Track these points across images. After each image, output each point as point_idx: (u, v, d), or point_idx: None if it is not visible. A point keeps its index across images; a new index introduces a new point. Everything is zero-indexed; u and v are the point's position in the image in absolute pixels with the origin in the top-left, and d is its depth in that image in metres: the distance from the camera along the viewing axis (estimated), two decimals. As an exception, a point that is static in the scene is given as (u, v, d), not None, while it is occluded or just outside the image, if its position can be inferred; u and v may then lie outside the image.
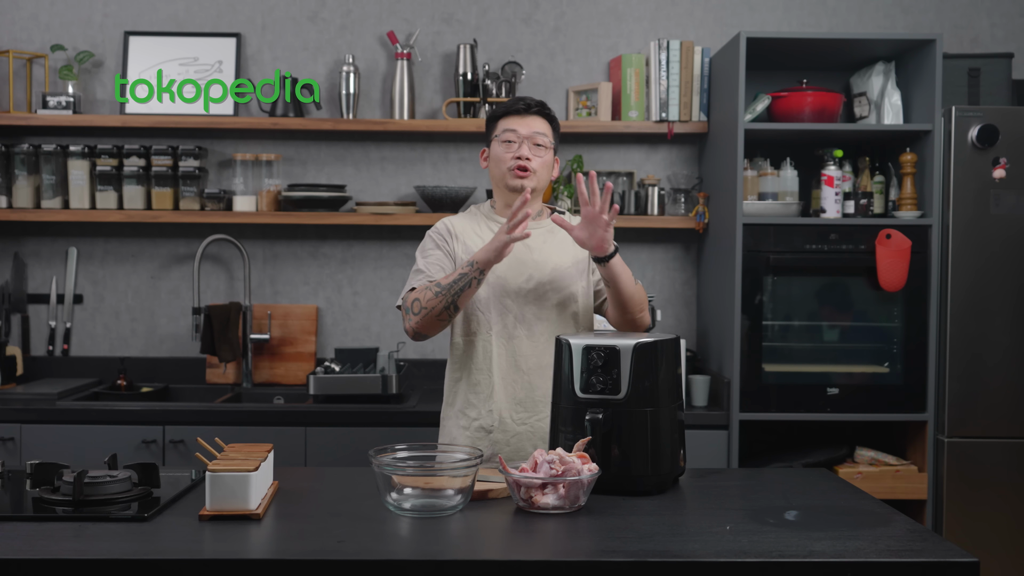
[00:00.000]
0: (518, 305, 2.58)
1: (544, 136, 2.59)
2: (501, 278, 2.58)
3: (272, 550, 1.82)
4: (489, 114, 2.69)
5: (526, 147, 2.57)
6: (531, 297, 2.58)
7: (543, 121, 2.61)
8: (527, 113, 2.60)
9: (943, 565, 1.74)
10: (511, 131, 2.58)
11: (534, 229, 2.62)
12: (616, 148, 4.05)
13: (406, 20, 4.02)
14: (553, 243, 2.64)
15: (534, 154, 2.57)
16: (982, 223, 3.48)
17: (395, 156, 4.05)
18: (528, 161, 2.56)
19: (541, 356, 2.57)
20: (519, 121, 2.59)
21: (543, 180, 2.61)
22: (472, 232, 2.64)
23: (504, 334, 2.57)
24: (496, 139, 2.61)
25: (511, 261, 2.57)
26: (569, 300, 2.60)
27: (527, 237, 2.40)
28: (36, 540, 1.80)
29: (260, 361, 3.99)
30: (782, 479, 2.41)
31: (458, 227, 2.66)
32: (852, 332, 3.63)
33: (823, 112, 3.67)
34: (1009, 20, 4.04)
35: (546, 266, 2.59)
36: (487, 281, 2.56)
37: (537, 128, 2.59)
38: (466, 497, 2.01)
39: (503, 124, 2.61)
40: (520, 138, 2.57)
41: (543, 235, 2.64)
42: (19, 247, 4.03)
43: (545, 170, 2.60)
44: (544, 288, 2.59)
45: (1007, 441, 3.48)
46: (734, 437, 3.49)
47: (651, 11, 4.05)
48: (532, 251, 2.61)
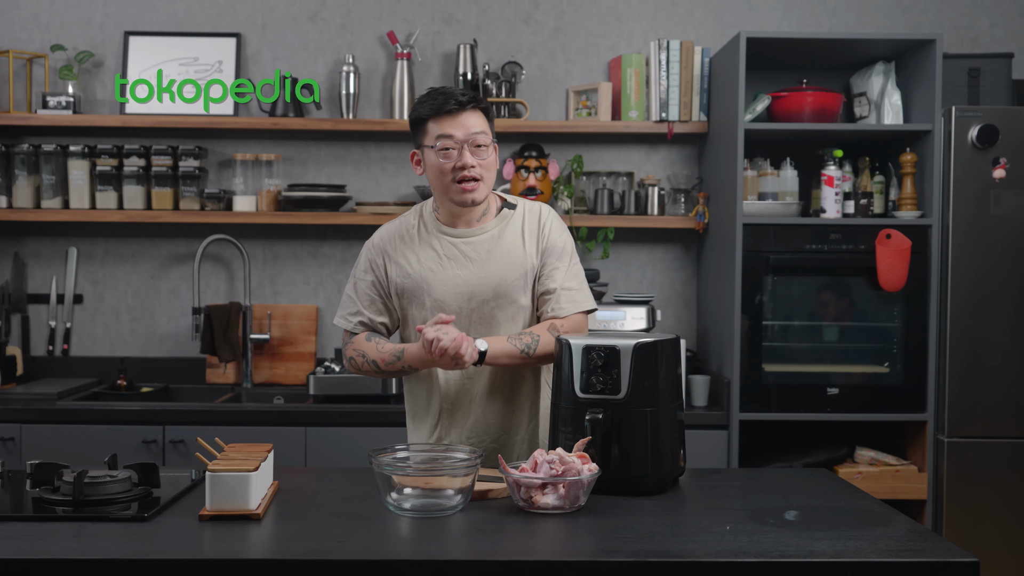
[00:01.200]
0: (461, 328, 2.35)
1: (483, 134, 2.33)
2: (439, 301, 2.37)
3: (272, 550, 1.82)
4: (413, 113, 2.37)
5: (467, 154, 2.31)
6: (475, 318, 2.38)
7: (478, 116, 2.34)
8: (460, 111, 2.31)
9: (943, 565, 1.74)
10: (446, 137, 2.31)
11: (478, 235, 2.40)
12: (616, 148, 4.05)
13: (406, 20, 4.02)
14: (499, 251, 2.39)
15: (477, 158, 2.32)
16: (982, 223, 3.48)
17: (395, 156, 4.05)
18: (473, 169, 2.31)
19: (491, 379, 2.40)
20: (452, 123, 2.31)
21: (490, 182, 2.38)
22: (406, 248, 2.41)
23: None
24: (430, 148, 2.33)
25: (448, 279, 2.38)
26: (517, 314, 2.40)
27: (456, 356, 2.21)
28: (36, 540, 1.80)
29: (260, 361, 3.99)
30: (782, 479, 2.41)
31: (389, 243, 2.43)
32: (852, 332, 3.63)
33: (823, 112, 3.67)
34: (1009, 20, 4.04)
35: (489, 281, 2.37)
36: (423, 304, 2.38)
37: (474, 128, 2.32)
38: (466, 497, 2.01)
39: (435, 128, 2.32)
40: (458, 143, 2.31)
41: (488, 242, 2.40)
42: (19, 247, 4.03)
43: (490, 171, 2.36)
44: (488, 307, 2.38)
45: (1007, 441, 3.48)
46: (734, 437, 3.49)
47: (651, 11, 4.05)
48: (473, 264, 2.38)
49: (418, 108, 2.37)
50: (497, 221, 2.43)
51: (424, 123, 2.35)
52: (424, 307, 2.39)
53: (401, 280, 2.41)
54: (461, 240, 2.40)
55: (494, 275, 2.38)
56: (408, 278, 2.40)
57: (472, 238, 2.40)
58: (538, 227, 2.43)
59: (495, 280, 2.38)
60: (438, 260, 2.39)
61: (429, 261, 2.40)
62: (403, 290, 2.41)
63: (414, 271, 2.40)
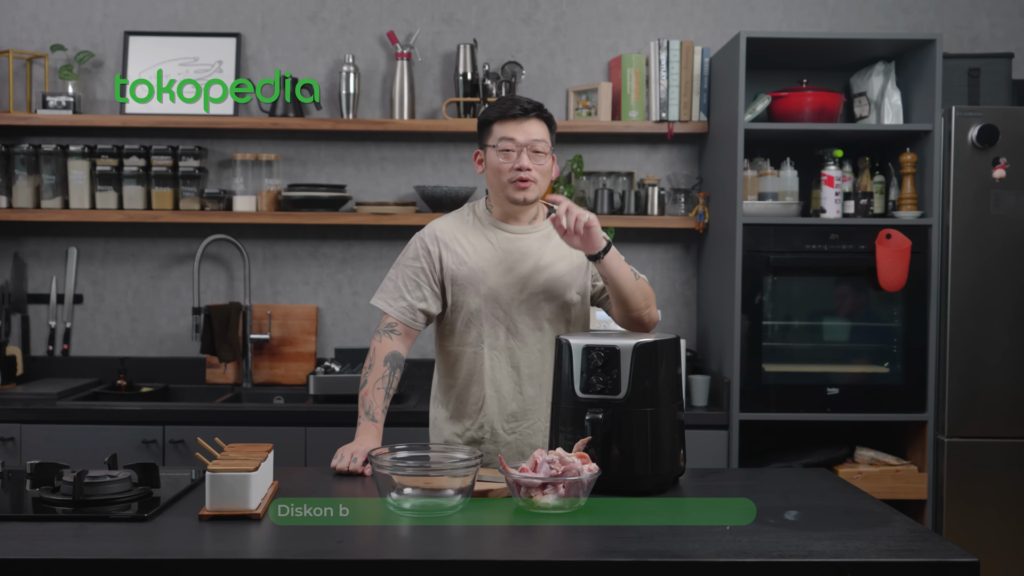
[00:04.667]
0: (511, 316, 2.52)
1: (543, 142, 2.49)
2: (493, 289, 2.52)
3: (272, 550, 1.82)
4: (482, 116, 2.56)
5: (525, 157, 2.47)
6: (524, 308, 2.53)
7: (540, 125, 2.51)
8: (524, 118, 2.49)
9: (943, 565, 1.74)
10: (508, 139, 2.47)
11: (530, 234, 2.57)
12: (616, 148, 4.05)
13: (406, 20, 4.02)
14: (548, 248, 2.57)
15: (534, 163, 2.48)
16: (982, 223, 3.48)
17: (395, 156, 4.05)
18: (529, 172, 2.47)
19: (534, 365, 2.54)
20: (516, 127, 2.48)
21: (543, 187, 2.53)
22: (463, 239, 2.56)
23: (496, 346, 2.53)
24: (492, 148, 2.50)
25: (503, 271, 2.53)
26: (564, 307, 2.56)
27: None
28: (36, 540, 1.80)
29: (260, 361, 3.99)
30: (782, 479, 2.41)
31: (447, 233, 2.58)
32: (852, 332, 3.63)
33: (823, 112, 3.67)
34: (1009, 20, 4.04)
35: (540, 275, 2.53)
36: (479, 292, 2.52)
37: (535, 135, 2.48)
38: (466, 497, 2.01)
39: (499, 130, 2.49)
40: (519, 147, 2.47)
41: (539, 240, 2.57)
42: (19, 247, 4.03)
43: (545, 177, 2.52)
44: (538, 298, 2.53)
45: (1007, 441, 3.48)
46: (734, 437, 3.49)
47: (651, 11, 4.05)
48: (526, 258, 2.54)
49: (487, 112, 2.54)
50: (546, 223, 2.59)
51: (490, 125, 2.51)
52: (479, 294, 2.51)
53: (457, 267, 2.53)
54: (516, 236, 2.55)
55: (545, 267, 2.53)
56: (464, 266, 2.52)
57: (526, 235, 2.56)
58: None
59: (546, 272, 2.53)
60: (493, 252, 2.54)
61: (485, 252, 2.54)
62: (458, 277, 2.53)
63: (471, 260, 2.53)
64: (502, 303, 2.51)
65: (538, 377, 2.54)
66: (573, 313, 2.57)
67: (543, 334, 2.54)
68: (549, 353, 2.52)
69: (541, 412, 2.55)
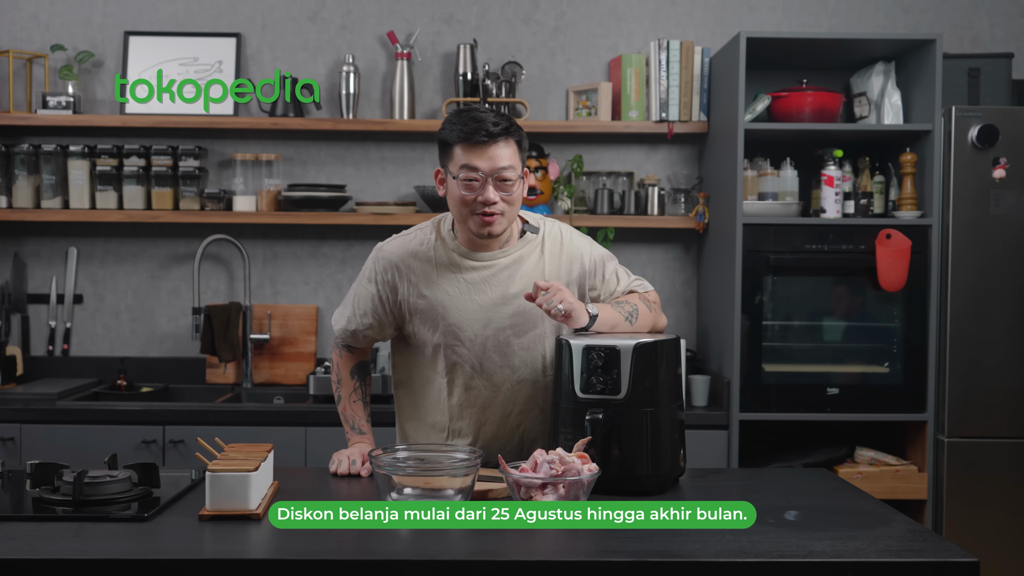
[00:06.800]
0: (474, 354, 2.29)
1: (511, 168, 2.19)
2: (453, 326, 2.27)
3: (272, 550, 1.82)
4: (441, 134, 2.24)
5: (491, 189, 2.18)
6: (490, 344, 2.29)
7: (508, 147, 2.20)
8: (490, 143, 2.17)
9: (943, 565, 1.74)
10: (471, 169, 2.18)
11: (498, 258, 2.30)
12: (616, 148, 4.05)
13: (406, 20, 4.02)
14: (520, 274, 2.29)
15: (501, 192, 2.19)
16: (982, 223, 3.48)
17: (395, 156, 4.05)
18: (495, 205, 2.19)
19: (505, 406, 2.33)
20: (480, 154, 2.17)
21: (512, 216, 2.26)
22: (419, 267, 2.30)
23: (460, 384, 2.31)
24: (454, 178, 2.21)
25: (465, 303, 2.28)
26: (535, 341, 2.31)
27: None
28: (36, 540, 1.80)
29: (260, 361, 3.99)
30: (782, 479, 2.41)
31: (403, 261, 2.31)
32: (852, 332, 3.63)
33: (823, 112, 3.67)
34: (1009, 20, 4.04)
35: (507, 308, 2.28)
36: (436, 327, 2.28)
37: (502, 161, 2.18)
38: (466, 497, 2.01)
39: (461, 156, 2.19)
40: (483, 178, 2.18)
41: (508, 268, 2.29)
42: (19, 247, 4.03)
43: (515, 206, 2.24)
44: (505, 334, 2.29)
45: (1007, 441, 3.48)
46: (734, 437, 3.49)
47: (651, 11, 4.05)
48: (492, 289, 2.28)
49: (447, 129, 2.23)
50: (519, 245, 2.32)
51: (451, 147, 2.22)
52: (437, 330, 2.29)
53: (415, 300, 2.30)
54: (481, 264, 2.29)
55: (511, 302, 2.29)
56: (423, 299, 2.29)
57: (493, 262, 2.30)
58: (560, 249, 2.35)
59: (513, 307, 2.29)
60: (455, 284, 2.29)
61: (446, 285, 2.29)
62: (416, 310, 2.31)
63: (429, 293, 2.29)
64: (464, 339, 2.28)
65: (507, 420, 2.34)
66: (543, 345, 2.33)
67: (513, 372, 2.31)
68: (523, 394, 2.33)
69: (511, 448, 2.36)
